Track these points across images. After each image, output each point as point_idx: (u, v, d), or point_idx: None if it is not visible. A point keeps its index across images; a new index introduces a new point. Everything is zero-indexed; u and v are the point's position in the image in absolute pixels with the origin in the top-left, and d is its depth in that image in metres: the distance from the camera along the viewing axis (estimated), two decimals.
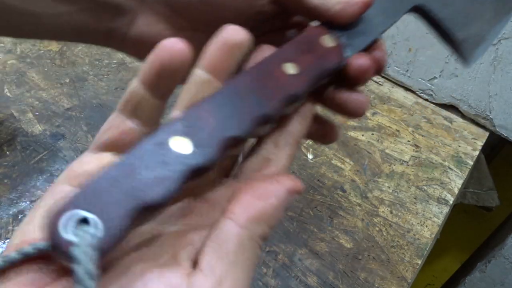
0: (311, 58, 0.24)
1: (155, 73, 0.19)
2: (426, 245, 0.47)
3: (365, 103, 0.26)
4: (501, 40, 0.57)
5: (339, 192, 0.51)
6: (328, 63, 0.24)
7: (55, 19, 0.23)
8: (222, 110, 0.21)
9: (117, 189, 0.17)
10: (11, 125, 0.53)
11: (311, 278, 0.44)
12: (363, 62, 0.25)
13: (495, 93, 0.61)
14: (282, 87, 0.22)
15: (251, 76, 0.22)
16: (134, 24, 0.25)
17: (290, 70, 0.23)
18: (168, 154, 0.18)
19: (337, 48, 0.25)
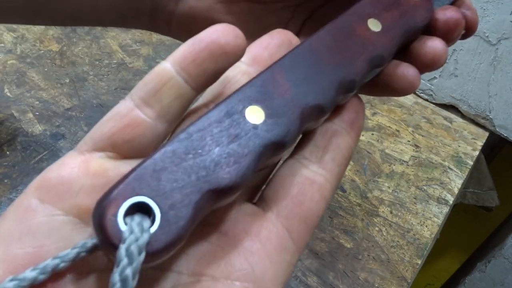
0: (397, 13, 0.21)
1: (201, 55, 0.16)
2: (426, 245, 0.47)
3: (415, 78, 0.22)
4: (501, 40, 0.57)
5: (339, 192, 0.51)
6: (417, 19, 0.22)
7: (96, 2, 0.21)
8: (298, 74, 0.17)
9: (181, 169, 0.14)
10: (11, 125, 0.53)
11: (311, 278, 0.44)
12: (453, 13, 0.22)
13: (495, 93, 0.61)
14: (367, 46, 0.19)
15: (330, 34, 0.19)
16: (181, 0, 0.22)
17: (374, 27, 0.20)
18: (242, 126, 0.15)
19: (425, 1, 0.22)
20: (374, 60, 0.20)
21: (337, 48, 0.19)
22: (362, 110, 0.20)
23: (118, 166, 0.16)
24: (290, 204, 0.17)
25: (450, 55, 0.62)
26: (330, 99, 0.18)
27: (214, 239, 0.16)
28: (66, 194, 0.15)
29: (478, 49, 0.59)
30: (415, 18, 0.21)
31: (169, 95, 0.16)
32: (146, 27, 0.24)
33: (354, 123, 0.20)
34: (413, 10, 0.21)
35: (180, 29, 0.23)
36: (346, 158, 0.19)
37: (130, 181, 0.14)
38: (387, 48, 0.20)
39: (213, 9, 0.22)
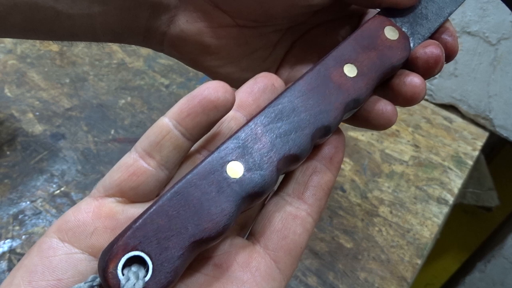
0: (374, 55, 0.22)
1: (194, 110, 0.18)
2: (426, 245, 0.47)
3: (392, 114, 0.23)
4: (501, 40, 0.57)
5: (339, 192, 0.51)
6: (394, 58, 0.22)
7: (91, 20, 0.22)
8: (276, 127, 0.19)
9: (173, 223, 0.16)
10: (11, 125, 0.53)
11: (311, 278, 0.44)
12: (432, 51, 0.22)
13: (495, 93, 0.61)
14: (342, 93, 0.21)
15: (307, 84, 0.20)
16: (174, 22, 0.23)
17: (350, 73, 0.21)
18: (224, 181, 0.17)
19: (402, 40, 0.23)
20: (349, 105, 0.21)
21: (313, 98, 0.20)
22: (341, 145, 0.22)
23: (126, 209, 0.18)
24: (275, 238, 0.20)
25: None
26: (306, 148, 0.20)
27: (210, 270, 0.18)
28: (82, 235, 0.17)
29: (478, 49, 0.59)
30: (392, 58, 0.22)
31: (168, 146, 0.18)
32: (140, 44, 0.25)
33: (334, 158, 0.21)
34: (390, 50, 0.22)
35: (172, 49, 0.25)
36: (326, 192, 0.21)
37: (127, 237, 0.16)
38: (362, 92, 0.21)
39: (203, 33, 0.23)
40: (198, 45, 0.24)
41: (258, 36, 0.25)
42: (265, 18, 0.23)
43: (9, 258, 0.42)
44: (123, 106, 0.57)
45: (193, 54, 0.24)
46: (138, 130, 0.55)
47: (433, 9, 0.24)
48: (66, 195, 0.47)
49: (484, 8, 0.56)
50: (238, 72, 0.26)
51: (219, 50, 0.24)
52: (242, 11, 0.23)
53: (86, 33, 0.23)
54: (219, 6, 0.22)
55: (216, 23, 0.23)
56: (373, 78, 0.21)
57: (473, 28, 0.58)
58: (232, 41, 0.24)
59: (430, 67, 0.22)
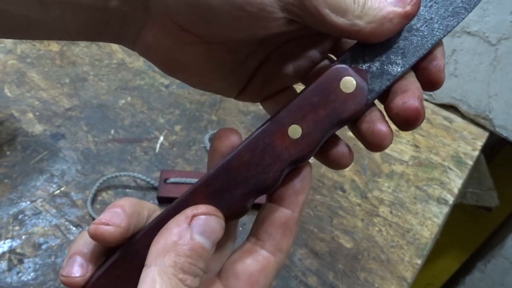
0: (322, 113, 0.21)
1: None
2: (426, 245, 0.47)
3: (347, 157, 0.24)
4: (501, 40, 0.57)
5: (339, 192, 0.51)
6: (343, 115, 0.21)
7: (64, 26, 0.22)
8: (216, 192, 0.21)
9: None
10: (11, 125, 0.53)
11: (311, 278, 0.44)
12: (410, 106, 0.21)
13: (495, 93, 0.61)
14: (283, 156, 0.21)
15: (249, 149, 0.21)
16: (142, 34, 0.23)
17: (294, 134, 0.21)
18: None
19: (357, 92, 0.21)
20: (290, 165, 0.21)
21: (253, 162, 0.21)
22: (304, 188, 0.23)
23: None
24: (231, 276, 0.22)
25: (450, 55, 0.62)
26: (244, 209, 0.21)
27: None
28: None
29: (478, 49, 0.59)
30: (342, 113, 0.21)
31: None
32: (116, 43, 0.26)
33: (291, 197, 0.23)
34: (342, 105, 0.21)
35: (143, 55, 0.25)
36: (291, 232, 0.23)
37: None
38: (304, 154, 0.21)
39: (169, 49, 0.23)
40: (166, 58, 0.24)
41: (227, 51, 0.24)
42: (230, 40, 0.23)
43: (9, 258, 0.42)
44: (123, 106, 0.57)
45: (164, 65, 0.25)
46: (138, 130, 0.55)
47: (414, 41, 0.22)
48: (66, 195, 0.47)
49: (484, 8, 0.56)
50: (207, 81, 0.26)
51: (187, 64, 0.24)
52: (206, 35, 0.23)
53: (60, 36, 0.23)
54: (184, 28, 0.22)
55: (182, 40, 0.23)
56: (318, 137, 0.21)
57: (473, 28, 0.58)
58: (200, 57, 0.24)
59: (409, 124, 0.21)
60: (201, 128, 0.56)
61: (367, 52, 0.22)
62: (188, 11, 0.21)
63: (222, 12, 0.21)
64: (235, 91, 0.27)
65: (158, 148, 0.53)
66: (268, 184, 0.21)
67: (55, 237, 0.44)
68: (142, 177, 0.48)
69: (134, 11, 0.22)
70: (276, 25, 0.21)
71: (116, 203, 0.23)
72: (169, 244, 0.19)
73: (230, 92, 0.27)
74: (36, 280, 0.41)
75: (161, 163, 0.51)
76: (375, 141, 0.22)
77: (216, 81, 0.26)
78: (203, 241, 0.20)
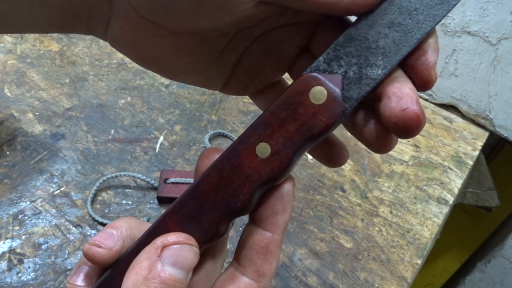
0: (291, 129, 0.20)
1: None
2: (426, 245, 0.47)
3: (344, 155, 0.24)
4: (501, 40, 0.57)
5: (339, 192, 0.51)
6: (314, 129, 0.20)
7: (33, 19, 0.22)
8: (186, 216, 0.20)
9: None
10: (11, 125, 0.53)
11: (311, 278, 0.44)
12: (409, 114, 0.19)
13: (495, 93, 0.61)
14: (252, 177, 0.20)
15: (217, 170, 0.20)
16: (110, 27, 0.23)
17: (262, 154, 0.20)
18: None
19: (329, 103, 0.19)
20: (262, 186, 0.20)
21: (221, 185, 0.20)
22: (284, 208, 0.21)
23: None
24: None
25: (450, 55, 0.62)
26: (218, 233, 0.21)
27: None
28: None
29: (478, 49, 0.59)
30: (313, 128, 0.19)
31: None
32: (89, 35, 0.25)
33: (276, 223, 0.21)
34: (312, 118, 0.19)
35: (114, 47, 0.24)
36: (273, 256, 0.22)
37: None
38: (276, 173, 0.20)
39: (138, 42, 0.22)
40: (136, 50, 0.23)
41: (199, 43, 0.23)
42: (197, 30, 0.22)
43: (9, 258, 0.42)
44: (123, 106, 0.57)
45: (134, 56, 0.24)
46: (138, 130, 0.55)
47: (396, 37, 0.20)
48: (66, 195, 0.47)
49: (484, 8, 0.56)
50: (183, 73, 0.25)
51: (159, 58, 0.23)
52: (170, 25, 0.21)
53: (31, 29, 0.23)
54: (147, 18, 0.21)
55: (149, 33, 0.22)
56: (289, 155, 0.20)
57: (473, 28, 0.58)
58: (171, 49, 0.23)
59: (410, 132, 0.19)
60: (201, 128, 0.56)
61: (343, 54, 0.20)
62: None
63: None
64: (218, 84, 0.26)
65: (158, 148, 0.53)
66: (239, 207, 0.20)
67: (55, 237, 0.44)
68: (142, 177, 0.48)
69: (99, 3, 0.22)
70: (243, 9, 0.20)
71: (114, 224, 0.22)
72: (139, 279, 0.19)
73: (213, 85, 0.26)
74: (36, 280, 0.41)
75: (161, 163, 0.51)
76: (381, 145, 0.21)
77: (193, 73, 0.25)
78: (175, 273, 0.19)
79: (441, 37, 0.60)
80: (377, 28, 0.20)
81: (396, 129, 0.19)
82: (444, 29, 0.60)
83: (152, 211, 0.47)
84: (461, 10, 0.57)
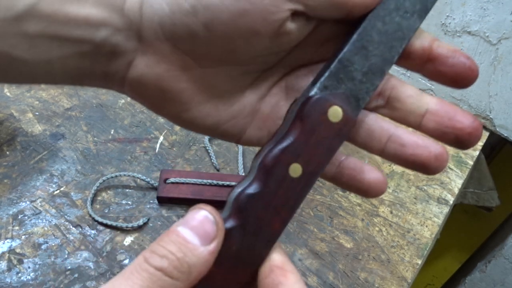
0: (318, 148, 0.21)
1: None
2: (426, 245, 0.47)
3: (384, 181, 0.23)
4: (501, 40, 0.57)
5: (339, 192, 0.51)
6: (336, 143, 0.21)
7: (49, 66, 0.21)
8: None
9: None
10: (11, 125, 0.53)
11: (311, 278, 0.44)
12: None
13: (495, 93, 0.61)
14: (289, 196, 0.21)
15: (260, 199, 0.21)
16: (133, 66, 0.22)
17: (294, 173, 0.21)
18: None
19: (346, 119, 0.21)
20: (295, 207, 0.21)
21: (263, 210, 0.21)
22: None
23: None
24: None
25: None
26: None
27: None
28: None
29: (478, 49, 0.59)
30: (337, 140, 0.21)
31: None
32: (102, 87, 0.24)
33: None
34: (336, 133, 0.21)
35: (133, 93, 0.24)
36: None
37: None
38: (306, 191, 0.21)
39: (163, 77, 0.22)
40: (159, 90, 0.23)
41: (224, 78, 0.23)
42: (229, 58, 0.22)
43: (8, 258, 0.42)
44: (122, 106, 0.57)
45: (154, 99, 0.23)
46: (138, 130, 0.55)
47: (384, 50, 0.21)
48: (66, 195, 0.47)
49: (484, 7, 0.56)
50: (201, 117, 0.24)
51: (181, 94, 0.23)
52: (204, 52, 0.21)
53: (45, 78, 0.22)
54: (179, 46, 0.21)
55: (176, 66, 0.22)
56: (317, 172, 0.21)
57: (474, 27, 0.58)
58: (194, 85, 0.23)
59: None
60: None
61: (336, 71, 0.21)
62: (187, 20, 0.20)
63: (223, 8, 0.20)
64: (236, 135, 0.25)
65: (158, 148, 0.53)
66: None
67: (54, 237, 0.44)
68: (142, 177, 0.48)
69: (126, 41, 0.21)
70: (280, 18, 0.20)
71: None
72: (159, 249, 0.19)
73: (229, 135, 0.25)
74: (35, 280, 0.41)
75: (161, 163, 0.51)
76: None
77: (209, 116, 0.24)
78: (183, 231, 0.19)
79: (441, 37, 0.60)
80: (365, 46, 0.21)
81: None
82: (444, 29, 0.60)
83: (152, 211, 0.47)
84: (461, 10, 0.57)
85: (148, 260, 0.18)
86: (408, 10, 0.21)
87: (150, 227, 0.46)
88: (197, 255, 0.19)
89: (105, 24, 0.21)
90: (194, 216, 0.20)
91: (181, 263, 0.19)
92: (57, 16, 0.20)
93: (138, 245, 0.44)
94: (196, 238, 0.19)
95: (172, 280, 0.19)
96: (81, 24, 0.20)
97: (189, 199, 0.47)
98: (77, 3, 0.20)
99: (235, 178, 0.48)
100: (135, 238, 0.45)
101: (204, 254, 0.19)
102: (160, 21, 0.21)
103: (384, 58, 0.21)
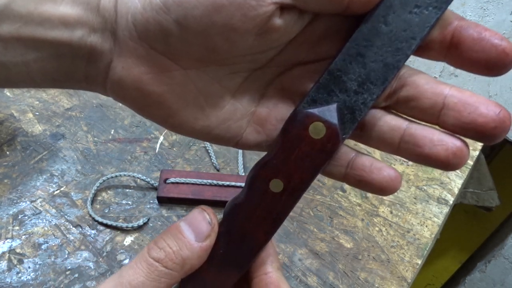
0: (300, 165, 0.20)
1: None
2: (426, 245, 0.47)
3: (396, 179, 0.22)
4: None
5: (339, 192, 0.51)
6: (324, 156, 0.20)
7: (27, 68, 0.20)
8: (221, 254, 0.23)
9: None
10: (11, 125, 0.53)
11: (311, 278, 0.44)
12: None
13: (495, 93, 0.61)
14: (271, 210, 0.21)
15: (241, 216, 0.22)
16: (111, 69, 0.21)
17: (275, 188, 0.21)
18: None
19: (330, 135, 0.20)
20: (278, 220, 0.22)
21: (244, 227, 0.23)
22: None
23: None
24: None
25: None
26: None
27: None
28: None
29: None
30: (321, 157, 0.20)
31: None
32: (85, 89, 0.23)
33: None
34: (318, 150, 0.20)
35: (115, 96, 0.22)
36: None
37: None
38: (289, 206, 0.21)
39: (142, 80, 0.21)
40: (139, 93, 0.21)
41: (210, 79, 0.21)
42: (213, 58, 0.20)
43: (8, 258, 0.42)
44: (122, 106, 0.57)
45: (137, 103, 0.22)
46: (138, 130, 0.55)
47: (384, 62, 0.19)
48: (66, 195, 0.47)
49: (484, 7, 0.56)
50: (190, 122, 0.22)
51: (163, 98, 0.21)
52: (185, 54, 0.20)
53: (24, 80, 0.21)
54: (154, 47, 0.20)
55: (155, 68, 0.20)
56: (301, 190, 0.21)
57: None
58: (177, 87, 0.21)
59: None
60: None
61: (326, 83, 0.20)
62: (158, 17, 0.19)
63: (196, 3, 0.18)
64: (232, 139, 0.24)
65: (158, 148, 0.53)
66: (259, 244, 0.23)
67: (55, 237, 0.44)
68: (142, 177, 0.48)
69: (102, 42, 0.20)
70: (262, 13, 0.18)
71: None
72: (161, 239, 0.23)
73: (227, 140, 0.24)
74: (36, 280, 0.41)
75: (161, 163, 0.51)
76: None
77: (199, 120, 0.23)
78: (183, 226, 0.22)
79: None
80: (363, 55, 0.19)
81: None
82: None
83: (152, 211, 0.47)
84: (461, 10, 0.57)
85: (149, 251, 0.22)
86: (420, 3, 0.18)
87: (150, 227, 0.46)
88: (191, 249, 0.22)
89: (80, 24, 0.20)
90: (195, 215, 0.23)
91: (176, 255, 0.22)
92: (31, 16, 0.19)
93: (138, 245, 0.44)
94: (192, 234, 0.22)
95: (167, 270, 0.22)
96: (57, 24, 0.19)
97: (189, 199, 0.47)
98: (52, 2, 0.19)
99: (235, 178, 0.48)
100: (135, 238, 0.45)
101: (198, 250, 0.22)
102: (133, 20, 0.19)
103: (387, 64, 0.19)
